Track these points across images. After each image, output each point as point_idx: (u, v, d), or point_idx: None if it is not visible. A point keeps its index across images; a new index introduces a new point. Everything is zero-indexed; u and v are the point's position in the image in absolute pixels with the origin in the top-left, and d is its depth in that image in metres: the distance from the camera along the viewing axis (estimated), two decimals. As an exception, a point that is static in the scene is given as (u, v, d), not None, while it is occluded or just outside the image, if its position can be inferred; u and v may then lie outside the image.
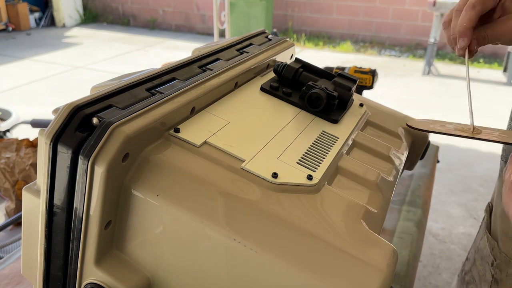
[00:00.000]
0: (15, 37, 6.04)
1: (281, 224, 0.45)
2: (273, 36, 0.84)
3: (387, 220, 1.04)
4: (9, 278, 0.80)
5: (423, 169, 1.30)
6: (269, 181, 0.49)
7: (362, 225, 0.49)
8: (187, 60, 0.63)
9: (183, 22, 6.69)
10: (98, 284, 0.48)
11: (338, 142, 0.61)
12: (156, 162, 0.48)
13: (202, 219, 0.45)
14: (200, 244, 0.45)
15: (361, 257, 0.43)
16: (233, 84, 0.65)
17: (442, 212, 2.38)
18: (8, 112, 2.36)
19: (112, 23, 7.07)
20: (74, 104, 0.46)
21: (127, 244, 0.49)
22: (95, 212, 0.45)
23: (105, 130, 0.44)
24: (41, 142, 0.45)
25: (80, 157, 0.43)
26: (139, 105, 0.49)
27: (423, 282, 1.89)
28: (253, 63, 0.70)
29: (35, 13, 6.70)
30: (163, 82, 0.56)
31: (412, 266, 0.94)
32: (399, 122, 0.76)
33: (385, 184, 0.59)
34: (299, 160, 0.54)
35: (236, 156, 0.52)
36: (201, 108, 0.58)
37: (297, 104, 0.66)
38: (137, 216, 0.47)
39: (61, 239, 0.48)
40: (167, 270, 0.48)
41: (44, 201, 0.47)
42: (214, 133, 0.54)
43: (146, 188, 0.46)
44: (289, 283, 0.42)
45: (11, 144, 1.47)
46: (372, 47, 5.81)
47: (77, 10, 6.97)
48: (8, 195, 1.37)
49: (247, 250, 0.43)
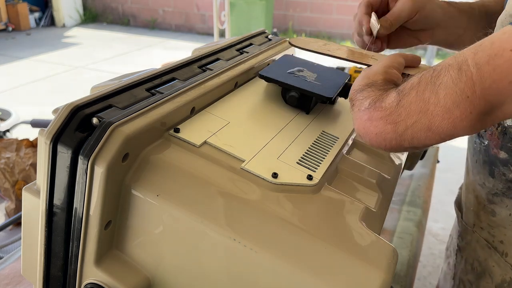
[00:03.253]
0: (15, 37, 6.04)
1: (281, 224, 0.45)
2: (273, 36, 0.84)
3: (387, 220, 1.03)
4: (9, 278, 0.80)
5: (423, 169, 1.30)
6: (269, 181, 0.49)
7: (362, 225, 0.49)
8: (187, 60, 0.63)
9: (183, 22, 6.70)
10: (98, 284, 0.48)
11: (338, 142, 0.61)
12: (156, 162, 0.48)
13: (202, 219, 0.45)
14: (200, 244, 0.45)
15: (361, 257, 0.43)
16: (233, 84, 0.65)
17: (442, 212, 2.38)
18: (8, 112, 2.36)
19: (112, 23, 7.08)
20: (74, 104, 0.46)
21: (127, 244, 0.49)
22: (95, 212, 0.45)
23: (105, 130, 0.44)
24: (41, 142, 0.45)
25: (80, 157, 0.43)
26: (139, 105, 0.49)
27: (423, 282, 1.89)
28: (253, 63, 0.70)
29: (35, 13, 6.70)
30: (163, 82, 0.56)
31: (412, 266, 0.94)
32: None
33: (385, 184, 0.59)
34: (299, 160, 0.54)
35: (236, 156, 0.52)
36: (201, 108, 0.58)
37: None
38: (137, 216, 0.47)
39: (61, 239, 0.48)
40: (167, 270, 0.48)
41: (44, 201, 0.47)
42: (214, 133, 0.54)
43: (146, 188, 0.46)
44: (289, 283, 0.42)
45: (11, 144, 1.47)
46: (372, 47, 5.80)
47: (77, 10, 6.97)
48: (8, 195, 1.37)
49: (247, 250, 0.43)
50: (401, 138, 0.46)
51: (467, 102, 0.41)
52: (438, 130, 0.43)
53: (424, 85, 0.44)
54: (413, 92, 0.44)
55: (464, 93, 0.41)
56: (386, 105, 0.46)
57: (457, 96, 0.42)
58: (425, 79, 0.44)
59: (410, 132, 0.45)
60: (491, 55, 0.40)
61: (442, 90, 0.42)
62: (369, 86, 0.50)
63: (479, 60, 0.40)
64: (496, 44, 0.40)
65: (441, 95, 0.42)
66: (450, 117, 0.42)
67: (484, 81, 0.40)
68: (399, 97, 0.45)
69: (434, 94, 0.43)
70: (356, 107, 0.50)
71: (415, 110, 0.44)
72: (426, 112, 0.43)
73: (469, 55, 0.42)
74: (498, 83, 0.40)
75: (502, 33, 0.40)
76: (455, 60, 0.43)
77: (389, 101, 0.46)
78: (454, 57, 0.43)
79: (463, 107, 0.42)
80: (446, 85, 0.42)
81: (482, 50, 0.41)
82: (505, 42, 0.39)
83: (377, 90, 0.49)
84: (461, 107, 0.42)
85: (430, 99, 0.43)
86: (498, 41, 0.40)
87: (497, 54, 0.39)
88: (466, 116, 0.42)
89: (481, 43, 0.42)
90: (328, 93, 0.64)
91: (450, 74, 0.42)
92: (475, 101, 0.41)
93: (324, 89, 0.64)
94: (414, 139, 0.45)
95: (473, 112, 0.41)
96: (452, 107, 0.42)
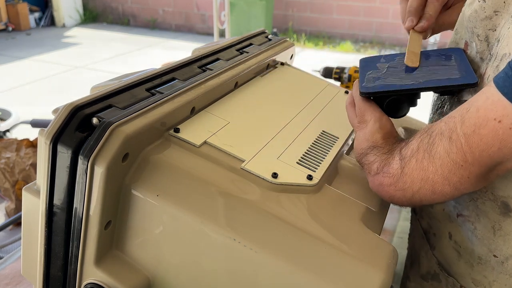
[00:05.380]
0: (15, 37, 6.04)
1: (281, 224, 0.45)
2: (273, 36, 0.84)
3: (387, 220, 1.03)
4: (9, 278, 0.80)
5: (423, 169, 1.30)
6: (269, 181, 0.49)
7: (362, 225, 0.49)
8: (187, 60, 0.63)
9: (183, 22, 6.69)
10: (98, 284, 0.48)
11: (338, 142, 0.61)
12: (156, 162, 0.48)
13: (202, 219, 0.45)
14: (200, 244, 0.45)
15: (361, 257, 0.44)
16: (233, 84, 0.65)
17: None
18: (8, 112, 2.36)
19: (112, 23, 7.07)
20: (74, 104, 0.46)
21: (127, 244, 0.49)
22: (95, 212, 0.45)
23: (105, 130, 0.44)
24: (41, 142, 0.45)
25: (80, 157, 0.43)
26: (139, 105, 0.49)
27: (423, 282, 1.89)
28: (253, 63, 0.70)
29: (35, 13, 6.70)
30: (163, 82, 0.56)
31: (412, 266, 0.94)
32: (399, 122, 0.76)
33: (385, 184, 0.59)
34: (299, 160, 0.54)
35: (236, 156, 0.52)
36: (201, 108, 0.58)
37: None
38: (137, 216, 0.47)
39: (61, 239, 0.48)
40: (167, 270, 0.48)
41: (44, 201, 0.47)
42: (214, 133, 0.54)
43: (146, 188, 0.46)
44: (289, 283, 0.42)
45: (11, 144, 1.47)
46: (372, 47, 5.80)
47: (77, 10, 6.97)
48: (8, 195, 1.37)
49: (247, 250, 0.43)
50: (411, 201, 0.50)
51: (462, 169, 0.44)
52: (442, 193, 0.47)
53: (422, 153, 0.47)
54: (413, 160, 0.48)
55: (457, 163, 0.44)
56: (393, 171, 0.50)
57: (452, 165, 0.45)
58: (422, 147, 0.47)
59: (418, 196, 0.49)
60: (476, 125, 0.42)
61: (437, 160, 0.46)
62: (372, 150, 0.53)
63: (466, 130, 0.43)
64: (481, 113, 0.42)
65: (437, 164, 0.46)
66: (450, 183, 0.46)
67: (473, 151, 0.43)
68: (402, 164, 0.49)
69: (432, 164, 0.46)
70: (366, 171, 0.54)
71: (418, 178, 0.47)
72: (427, 180, 0.47)
73: (458, 122, 0.44)
74: (487, 151, 0.42)
75: (486, 99, 0.42)
76: (447, 127, 0.45)
77: (395, 167, 0.50)
78: (446, 123, 0.46)
79: (459, 174, 0.45)
80: (441, 155, 0.45)
81: (468, 118, 0.43)
82: (489, 111, 0.41)
83: (381, 154, 0.52)
84: (457, 174, 0.45)
85: (428, 168, 0.46)
86: (483, 109, 0.42)
87: (482, 124, 0.41)
88: (464, 180, 0.45)
89: (468, 108, 0.44)
90: (468, 78, 0.52)
91: (443, 144, 0.45)
92: (469, 168, 0.44)
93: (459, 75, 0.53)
94: (423, 201, 0.49)
95: (470, 176, 0.44)
96: (449, 175, 0.45)
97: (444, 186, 0.46)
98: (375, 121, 0.55)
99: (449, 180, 0.46)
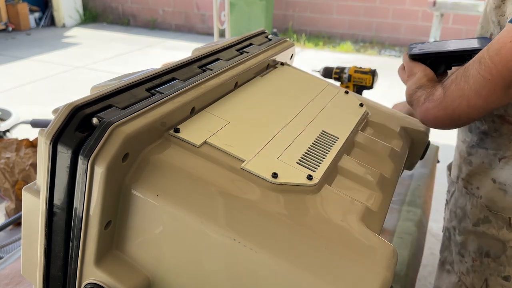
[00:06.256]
0: (15, 37, 6.03)
1: (281, 224, 0.45)
2: (273, 36, 0.84)
3: (387, 220, 1.03)
4: (9, 278, 0.80)
5: (423, 169, 1.30)
6: (269, 181, 0.49)
7: (362, 225, 0.49)
8: (187, 60, 0.63)
9: (183, 22, 6.69)
10: (98, 284, 0.48)
11: (338, 142, 0.61)
12: (156, 162, 0.48)
13: (202, 219, 0.45)
14: (200, 244, 0.45)
15: (361, 257, 0.44)
16: (233, 84, 0.65)
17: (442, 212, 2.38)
18: (8, 112, 2.36)
19: (112, 23, 7.07)
20: (74, 104, 0.46)
21: (127, 244, 0.49)
22: (95, 212, 0.45)
23: (105, 130, 0.44)
24: (41, 142, 0.45)
25: (80, 157, 0.43)
26: (139, 105, 0.49)
27: (423, 282, 1.89)
28: (253, 63, 0.70)
29: (35, 13, 6.70)
30: (163, 82, 0.56)
31: (412, 266, 0.94)
32: (399, 122, 0.76)
33: (385, 184, 0.59)
34: (299, 160, 0.54)
35: (236, 156, 0.52)
36: (201, 108, 0.58)
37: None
38: (137, 216, 0.47)
39: (61, 239, 0.48)
40: (167, 270, 0.48)
41: (44, 201, 0.47)
42: (214, 133, 0.54)
43: (146, 188, 0.46)
44: (289, 282, 0.42)
45: (11, 144, 1.47)
46: (372, 47, 5.80)
47: (77, 10, 6.97)
48: (8, 195, 1.37)
49: (247, 250, 0.43)
50: (452, 117, 0.65)
51: (489, 83, 0.59)
52: (475, 106, 0.61)
53: (460, 78, 0.63)
54: (453, 85, 0.64)
55: (485, 78, 0.59)
56: (436, 97, 0.66)
57: (481, 80, 0.60)
58: (460, 74, 0.63)
59: (457, 112, 0.64)
60: (498, 48, 0.58)
61: (471, 79, 0.61)
62: (419, 88, 0.70)
63: (491, 53, 0.59)
64: (501, 39, 0.58)
65: (470, 82, 0.61)
66: (480, 96, 0.60)
67: (497, 66, 0.58)
68: (444, 90, 0.65)
69: (467, 83, 0.61)
70: (415, 104, 0.70)
71: (456, 96, 0.63)
72: (463, 96, 0.62)
73: (484, 51, 0.60)
74: (507, 65, 0.57)
75: (504, 31, 0.58)
76: (477, 57, 0.61)
77: (438, 94, 0.66)
78: (476, 56, 0.62)
79: (487, 87, 0.59)
80: (473, 75, 0.61)
81: (492, 45, 0.60)
82: (506, 37, 0.58)
83: (427, 88, 0.69)
84: (486, 87, 0.59)
85: (464, 87, 0.62)
86: (502, 37, 0.58)
87: (501, 47, 0.58)
88: (491, 93, 0.59)
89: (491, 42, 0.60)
90: None
91: (475, 67, 0.61)
92: (494, 81, 0.58)
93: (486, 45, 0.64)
94: (461, 116, 0.64)
95: (496, 89, 0.59)
96: (479, 89, 0.60)
97: (476, 99, 0.61)
98: (421, 71, 0.72)
99: (480, 93, 0.60)
